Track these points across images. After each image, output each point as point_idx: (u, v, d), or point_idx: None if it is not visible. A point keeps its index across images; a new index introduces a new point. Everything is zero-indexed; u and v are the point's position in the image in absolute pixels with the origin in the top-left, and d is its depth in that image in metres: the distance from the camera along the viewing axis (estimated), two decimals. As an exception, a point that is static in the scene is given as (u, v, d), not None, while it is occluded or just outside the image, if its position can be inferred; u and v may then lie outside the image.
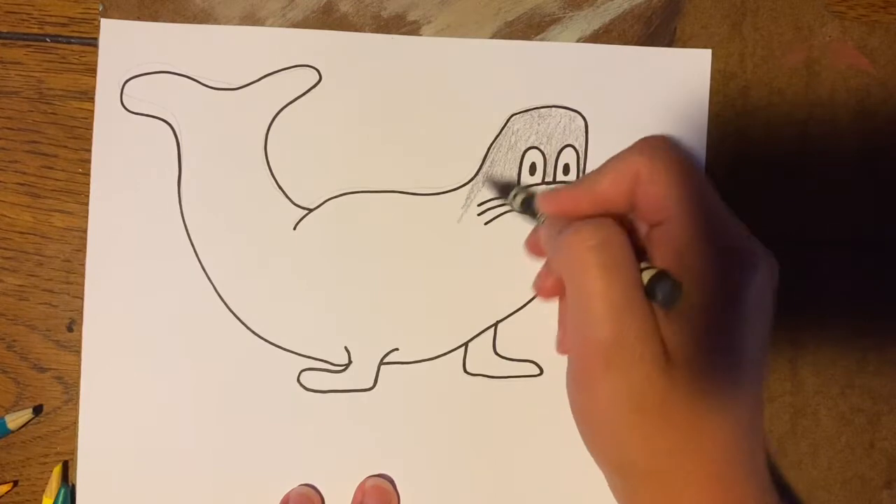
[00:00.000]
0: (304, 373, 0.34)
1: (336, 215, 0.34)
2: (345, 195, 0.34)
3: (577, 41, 0.35)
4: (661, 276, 0.25)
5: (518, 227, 0.34)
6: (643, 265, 0.26)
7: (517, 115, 0.34)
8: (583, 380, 0.26)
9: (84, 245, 0.34)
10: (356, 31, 0.34)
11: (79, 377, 0.33)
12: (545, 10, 0.35)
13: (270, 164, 0.34)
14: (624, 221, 0.27)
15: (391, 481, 0.34)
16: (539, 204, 0.30)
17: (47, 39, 0.34)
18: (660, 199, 0.26)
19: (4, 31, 0.34)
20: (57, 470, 0.34)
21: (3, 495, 0.34)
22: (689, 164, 0.27)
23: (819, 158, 0.35)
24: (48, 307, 0.34)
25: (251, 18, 0.34)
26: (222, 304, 0.34)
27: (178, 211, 0.34)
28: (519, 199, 0.32)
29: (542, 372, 0.34)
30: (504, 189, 0.34)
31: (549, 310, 0.34)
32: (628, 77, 0.35)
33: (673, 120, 0.34)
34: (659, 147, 0.27)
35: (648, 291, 0.25)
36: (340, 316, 0.34)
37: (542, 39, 0.35)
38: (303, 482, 0.34)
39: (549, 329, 0.33)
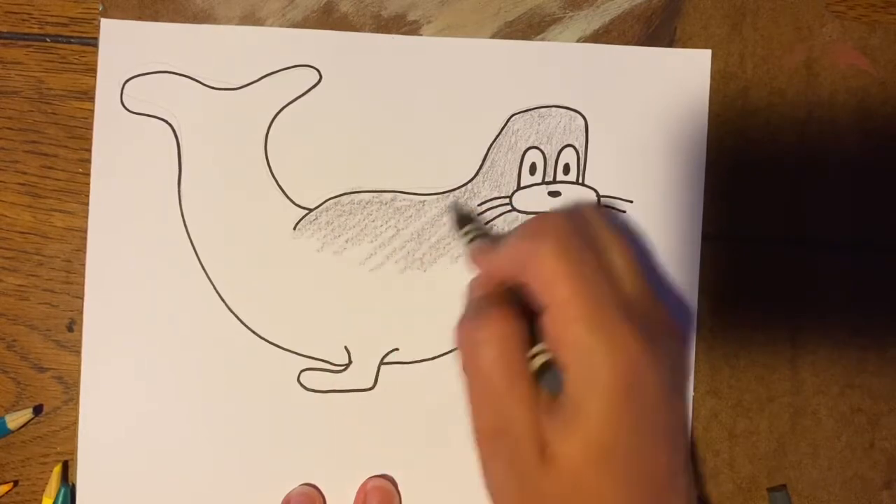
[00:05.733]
0: (304, 373, 0.34)
1: (336, 215, 0.34)
2: (345, 195, 0.34)
3: (577, 41, 0.35)
4: (547, 365, 0.26)
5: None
6: (540, 349, 0.26)
7: (517, 115, 0.34)
8: (479, 459, 0.27)
9: (84, 245, 0.34)
10: (356, 31, 0.34)
11: (79, 377, 0.33)
12: (545, 10, 0.35)
13: (270, 164, 0.34)
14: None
15: (393, 482, 0.34)
16: (469, 256, 0.31)
17: (47, 39, 0.34)
18: (538, 288, 0.26)
19: (4, 31, 0.34)
20: (57, 470, 0.34)
21: (3, 495, 0.34)
22: (573, 251, 0.26)
23: (819, 158, 0.35)
24: (48, 307, 0.34)
25: (251, 18, 0.34)
26: (222, 304, 0.34)
27: (178, 211, 0.34)
28: (467, 238, 0.32)
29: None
30: (500, 188, 0.34)
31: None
32: (628, 77, 0.35)
33: (673, 120, 0.34)
34: (545, 233, 0.27)
35: (537, 377, 0.26)
36: (340, 316, 0.34)
37: (542, 39, 0.35)
38: (304, 482, 0.34)
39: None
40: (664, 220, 0.34)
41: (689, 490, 0.27)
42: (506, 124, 0.34)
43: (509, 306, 0.27)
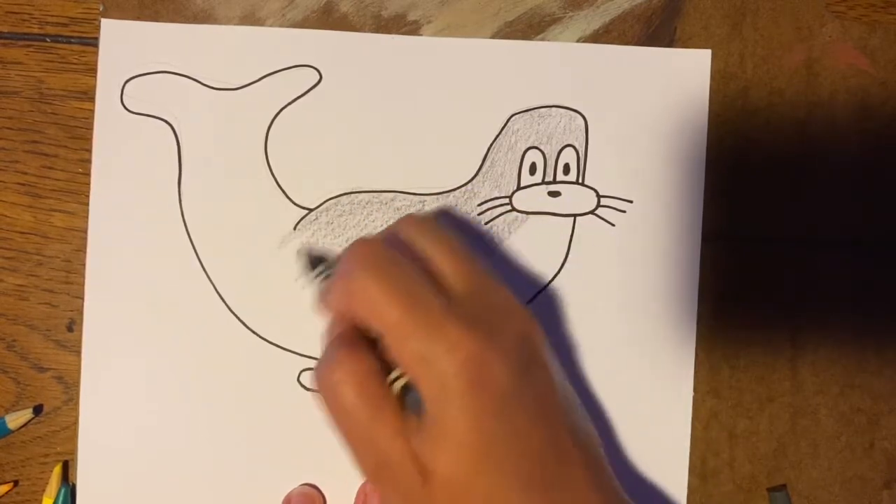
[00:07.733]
0: (304, 373, 0.34)
1: (336, 215, 0.34)
2: (345, 195, 0.34)
3: (577, 41, 0.35)
4: (407, 388, 0.26)
5: (518, 226, 0.34)
6: (396, 374, 0.26)
7: (517, 115, 0.34)
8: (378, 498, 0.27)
9: (84, 245, 0.34)
10: (356, 31, 0.34)
11: (79, 377, 0.33)
12: (545, 10, 0.35)
13: (270, 164, 0.34)
14: None
15: (391, 481, 0.34)
16: (316, 299, 0.30)
17: (47, 39, 0.34)
18: (368, 317, 0.26)
19: (4, 31, 0.34)
20: (57, 470, 0.34)
21: (3, 495, 0.34)
22: (391, 271, 0.26)
23: (819, 158, 0.35)
24: (48, 307, 0.34)
25: (251, 18, 0.34)
26: (222, 304, 0.34)
27: (179, 211, 0.34)
28: (319, 280, 0.31)
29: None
30: (501, 188, 0.34)
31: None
32: (628, 77, 0.35)
33: (673, 120, 0.34)
34: (358, 262, 0.27)
35: (402, 402, 0.26)
36: (340, 316, 0.34)
37: (542, 39, 0.35)
38: (304, 482, 0.34)
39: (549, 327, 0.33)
40: (664, 220, 0.34)
41: (589, 455, 0.27)
42: (506, 124, 0.34)
43: (358, 342, 0.27)
